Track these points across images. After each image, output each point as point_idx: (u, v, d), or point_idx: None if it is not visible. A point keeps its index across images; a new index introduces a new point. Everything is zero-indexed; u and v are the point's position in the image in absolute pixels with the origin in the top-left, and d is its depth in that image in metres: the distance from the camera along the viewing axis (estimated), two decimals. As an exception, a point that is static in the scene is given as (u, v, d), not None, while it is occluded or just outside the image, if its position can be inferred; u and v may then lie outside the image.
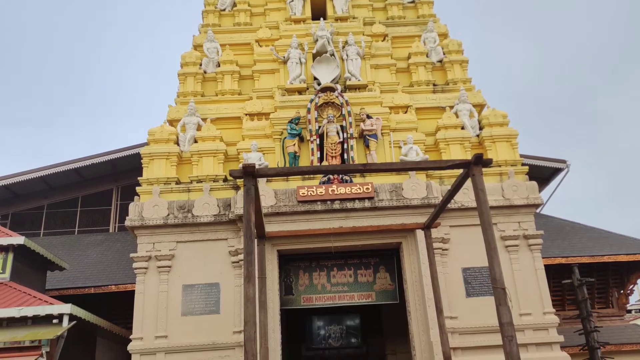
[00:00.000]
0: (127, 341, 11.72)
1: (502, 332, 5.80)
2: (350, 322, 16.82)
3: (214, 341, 11.41)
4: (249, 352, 5.72)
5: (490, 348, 11.18)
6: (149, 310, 11.67)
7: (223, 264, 12.09)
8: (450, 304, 11.63)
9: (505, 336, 5.78)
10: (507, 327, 5.80)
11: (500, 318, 5.86)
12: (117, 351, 14.34)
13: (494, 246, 6.25)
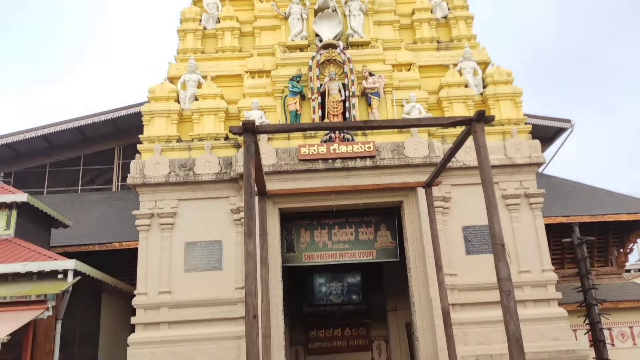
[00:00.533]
0: (132, 297, 11.93)
1: (499, 287, 5.87)
2: (351, 280, 17.06)
3: (217, 297, 11.59)
4: (250, 306, 5.80)
5: (489, 304, 11.36)
6: (153, 266, 11.82)
7: (225, 221, 12.17)
8: (450, 261, 11.75)
9: (502, 291, 5.84)
10: (505, 282, 5.86)
11: (499, 273, 5.91)
12: (122, 306, 14.63)
13: (494, 203, 6.25)
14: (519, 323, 5.78)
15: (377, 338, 17.44)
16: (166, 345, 11.23)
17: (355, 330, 17.42)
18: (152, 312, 11.53)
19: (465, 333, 11.29)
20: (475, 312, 11.45)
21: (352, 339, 17.37)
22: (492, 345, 11.16)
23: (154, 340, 11.25)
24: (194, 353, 11.20)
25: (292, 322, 16.79)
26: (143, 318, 11.51)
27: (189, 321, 11.47)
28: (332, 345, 17.28)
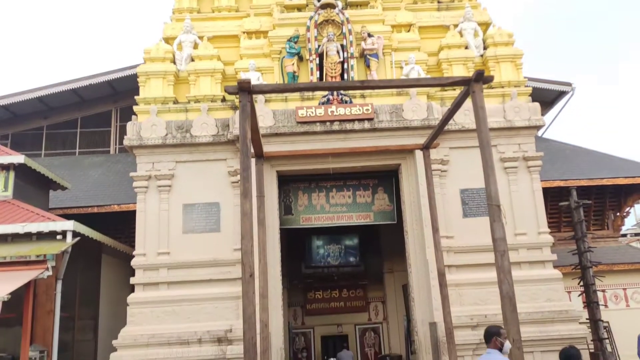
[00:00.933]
0: (131, 258, 12.03)
1: (494, 247, 5.91)
2: (349, 242, 17.21)
3: (215, 258, 11.70)
4: (246, 265, 5.86)
5: (484, 266, 11.48)
6: (151, 228, 11.89)
7: (222, 184, 12.17)
8: (447, 224, 11.81)
9: (497, 251, 5.89)
10: (499, 242, 5.90)
11: (494, 233, 5.95)
12: (121, 267, 14.78)
13: (491, 164, 6.24)
14: (513, 282, 5.84)
15: (374, 299, 17.71)
16: (165, 304, 11.40)
17: (353, 291, 17.68)
18: (151, 273, 11.66)
19: (460, 294, 11.44)
20: (471, 274, 11.58)
21: (350, 300, 17.65)
22: (487, 305, 11.32)
23: (154, 300, 11.41)
24: (193, 312, 11.37)
25: (290, 284, 17.03)
26: (142, 278, 11.64)
27: (187, 282, 11.61)
28: (330, 306, 17.58)
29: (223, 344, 11.02)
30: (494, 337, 5.21)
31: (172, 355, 10.90)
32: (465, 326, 11.03)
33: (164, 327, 11.22)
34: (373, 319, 17.54)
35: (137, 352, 10.91)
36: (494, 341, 5.21)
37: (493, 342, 5.20)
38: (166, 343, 11.02)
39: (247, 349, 5.61)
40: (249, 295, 5.77)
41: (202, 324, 11.26)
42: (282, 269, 12.48)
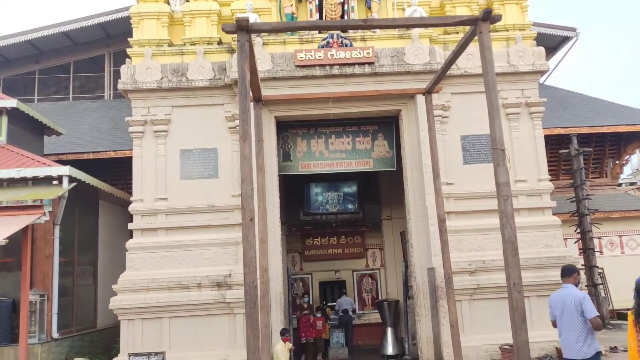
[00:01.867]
0: (129, 204, 12.00)
1: (498, 192, 5.81)
2: (348, 189, 17.16)
3: (213, 204, 11.67)
4: (246, 209, 5.76)
5: (483, 212, 11.51)
6: (148, 173, 11.82)
7: (220, 129, 12.03)
8: (448, 170, 11.76)
9: (500, 195, 5.79)
10: (503, 187, 5.79)
11: (497, 178, 5.83)
12: (119, 213, 14.77)
13: (496, 107, 6.05)
14: (515, 227, 5.78)
15: (372, 246, 17.85)
16: (164, 250, 11.45)
17: (351, 238, 17.79)
18: (149, 218, 11.67)
19: (459, 240, 11.50)
20: (470, 220, 11.62)
21: (348, 247, 17.78)
22: (485, 251, 11.42)
23: (152, 246, 11.45)
24: (192, 258, 11.44)
25: (288, 230, 17.10)
26: (140, 224, 11.65)
27: (186, 227, 11.63)
28: (328, 252, 17.71)
29: (223, 289, 11.13)
30: (575, 273, 5.93)
31: (172, 299, 11.02)
32: (463, 272, 11.14)
33: (164, 272, 11.30)
34: (371, 265, 17.71)
35: (137, 296, 11.02)
36: (574, 277, 5.92)
37: (573, 278, 5.91)
38: (166, 287, 11.12)
39: (248, 292, 5.58)
40: (249, 239, 5.70)
41: (201, 269, 11.35)
42: (281, 215, 12.50)
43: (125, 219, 12.81)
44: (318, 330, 14.08)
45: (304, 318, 14.13)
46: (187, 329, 11.06)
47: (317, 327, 14.09)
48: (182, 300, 11.04)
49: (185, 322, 11.11)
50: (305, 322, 14.03)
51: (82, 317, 13.09)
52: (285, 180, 15.10)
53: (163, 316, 11.08)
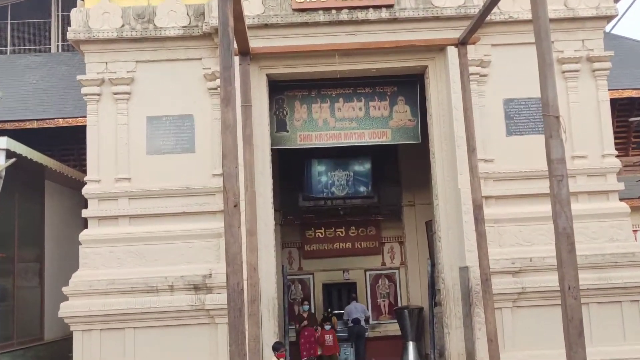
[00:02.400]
0: (82, 185, 12.02)
1: (550, 171, 5.77)
2: (359, 168, 17.17)
3: (189, 185, 11.69)
4: (230, 192, 5.75)
5: (532, 197, 11.50)
6: (106, 147, 11.82)
7: (197, 90, 12.01)
8: (486, 143, 11.71)
9: (553, 175, 5.75)
10: (556, 165, 5.75)
11: (550, 153, 5.79)
12: (71, 197, 14.80)
13: (549, 62, 6.00)
14: (571, 216, 5.75)
15: (390, 239, 17.90)
16: (127, 243, 11.49)
17: (363, 229, 17.85)
18: (109, 204, 11.70)
19: (499, 232, 11.50)
20: (514, 207, 11.59)
21: (359, 241, 17.85)
22: (533, 247, 11.41)
23: (113, 238, 11.50)
24: (163, 254, 11.49)
25: (284, 219, 17.15)
26: (97, 211, 11.69)
27: (154, 215, 11.67)
28: (334, 247, 17.79)
29: (201, 292, 11.18)
30: None
31: (137, 305, 11.08)
32: (505, 272, 11.15)
33: (127, 271, 11.36)
34: (388, 263, 17.79)
35: (93, 301, 11.08)
36: None
37: None
38: (129, 291, 11.17)
39: (232, 296, 5.60)
40: (234, 230, 5.70)
41: (174, 268, 11.40)
42: (275, 200, 12.54)
43: (79, 205, 12.83)
44: (328, 346, 14.10)
45: (307, 331, 14.20)
46: (157, 343, 11.12)
47: (327, 343, 14.12)
48: (150, 307, 11.09)
49: (154, 333, 11.14)
50: (308, 336, 14.09)
51: (25, 327, 13.18)
52: (280, 156, 15.09)
53: (126, 326, 11.13)
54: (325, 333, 14.12)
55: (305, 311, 14.99)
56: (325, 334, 14.12)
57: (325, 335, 14.10)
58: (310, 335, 14.04)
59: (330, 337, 14.12)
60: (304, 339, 14.06)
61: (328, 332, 14.17)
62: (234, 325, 5.50)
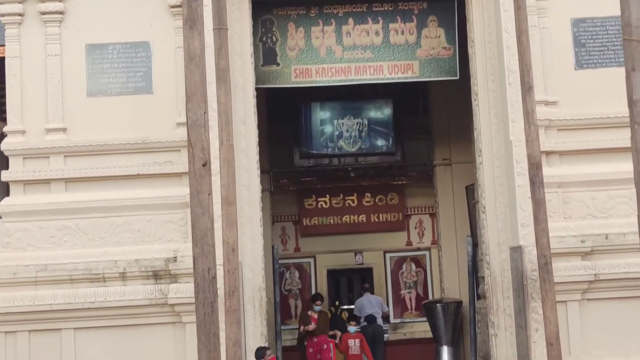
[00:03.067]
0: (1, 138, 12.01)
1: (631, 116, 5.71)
2: (376, 114, 17.13)
3: (145, 138, 11.70)
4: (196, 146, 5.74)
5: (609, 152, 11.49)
6: (33, 86, 11.81)
7: (155, 9, 11.97)
8: (548, 80, 11.70)
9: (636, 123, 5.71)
10: None
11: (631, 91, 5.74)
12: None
13: (634, -34, 5.91)
14: (661, 176, 5.72)
15: (418, 210, 17.95)
16: (63, 216, 11.53)
17: (382, 197, 17.88)
18: (37, 163, 11.71)
19: (565, 200, 11.51)
20: (585, 166, 11.59)
21: (376, 212, 17.89)
22: (611, 219, 11.44)
23: (43, 209, 11.51)
24: (111, 230, 11.55)
25: (275, 184, 17.15)
26: (22, 173, 11.69)
27: (99, 178, 11.70)
28: (342, 221, 17.84)
29: (163, 282, 11.26)
30: None
31: (78, 299, 11.12)
32: (572, 253, 11.18)
33: (63, 253, 11.40)
34: (415, 242, 17.86)
35: (18, 293, 11.13)
36: None
37: None
38: (67, 279, 11.24)
39: (201, 287, 5.63)
40: (202, 198, 5.71)
41: (126, 249, 11.46)
42: (262, 158, 12.62)
43: (-2, 164, 12.84)
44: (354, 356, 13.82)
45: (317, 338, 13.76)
46: (105, 348, 11.21)
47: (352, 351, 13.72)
48: (95, 301, 11.15)
49: (101, 336, 11.24)
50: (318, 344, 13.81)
51: None
52: (269, 99, 15.06)
53: (64, 327, 11.21)
54: (350, 337, 13.88)
55: (315, 312, 14.47)
56: (350, 338, 13.87)
57: (350, 341, 13.82)
58: (323, 343, 13.77)
59: (357, 344, 13.79)
60: (313, 348, 13.83)
61: (353, 337, 13.93)
62: (204, 324, 5.52)
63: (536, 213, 8.96)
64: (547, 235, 8.88)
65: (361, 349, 13.73)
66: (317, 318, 13.97)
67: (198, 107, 5.77)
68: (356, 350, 13.60)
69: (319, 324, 13.92)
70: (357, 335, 13.83)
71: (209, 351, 5.51)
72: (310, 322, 13.98)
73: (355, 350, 13.60)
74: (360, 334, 14.02)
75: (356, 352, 13.61)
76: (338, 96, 16.58)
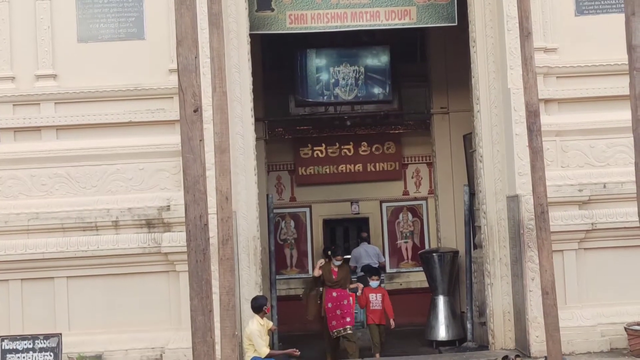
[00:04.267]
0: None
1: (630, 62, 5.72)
2: (373, 61, 17.04)
3: (137, 85, 11.68)
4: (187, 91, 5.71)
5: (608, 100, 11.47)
6: (22, 32, 11.76)
7: (149, -53, 11.90)
8: (547, 26, 11.65)
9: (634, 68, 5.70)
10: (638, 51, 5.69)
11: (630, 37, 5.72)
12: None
13: None
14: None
15: (415, 159, 17.94)
16: (54, 164, 11.56)
17: (378, 146, 17.86)
18: (27, 110, 11.72)
19: (562, 149, 11.53)
20: (584, 114, 11.60)
21: (373, 161, 17.88)
22: (609, 168, 11.48)
23: (34, 157, 11.56)
24: (103, 178, 11.58)
25: (270, 132, 17.10)
26: (12, 120, 11.71)
27: (91, 125, 11.71)
28: (338, 170, 17.84)
29: (156, 230, 11.30)
30: None
31: (70, 248, 11.18)
32: (569, 202, 11.23)
33: (55, 201, 11.44)
34: (412, 191, 17.88)
35: (9, 242, 11.16)
36: None
37: None
38: (59, 228, 11.28)
39: (193, 234, 5.64)
40: (193, 144, 5.70)
41: (119, 198, 11.50)
42: (257, 106, 12.58)
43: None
44: (375, 312, 13.08)
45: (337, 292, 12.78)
46: (98, 297, 11.30)
47: (373, 306, 13.07)
48: (88, 250, 11.20)
49: (94, 285, 11.32)
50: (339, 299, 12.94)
51: None
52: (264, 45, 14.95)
53: (57, 275, 11.28)
54: (371, 292, 13.21)
55: (336, 266, 13.22)
56: (371, 292, 13.19)
57: (371, 295, 13.15)
58: (343, 298, 13.14)
59: (379, 299, 13.12)
60: (332, 302, 13.16)
61: (375, 291, 13.26)
62: (196, 272, 5.55)
63: (533, 162, 8.94)
64: (544, 184, 8.87)
65: (384, 304, 13.12)
66: (337, 272, 13.15)
67: (189, 52, 5.73)
68: (377, 306, 13.06)
69: (339, 279, 13.24)
70: (379, 290, 13.32)
71: (201, 298, 5.54)
72: (332, 276, 13.15)
73: (376, 305, 13.07)
74: (382, 289, 13.54)
75: (377, 307, 13.07)
76: (334, 43, 16.48)
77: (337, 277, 13.06)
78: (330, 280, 13.05)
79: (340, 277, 13.10)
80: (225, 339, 8.19)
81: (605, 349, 11.05)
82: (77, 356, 10.62)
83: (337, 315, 12.83)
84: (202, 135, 5.79)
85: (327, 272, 13.14)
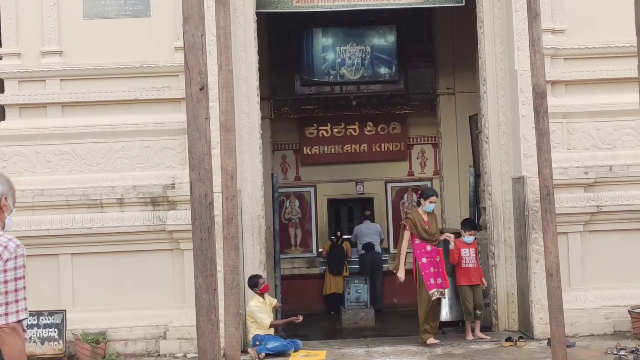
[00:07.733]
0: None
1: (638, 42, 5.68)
2: (379, 41, 17.02)
3: (143, 62, 11.64)
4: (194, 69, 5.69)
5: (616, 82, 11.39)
6: (28, 8, 11.70)
7: None
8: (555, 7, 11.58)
9: (644, 50, 5.66)
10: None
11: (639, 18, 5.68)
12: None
13: None
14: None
15: (420, 140, 17.94)
16: (60, 141, 11.55)
17: (384, 126, 17.86)
18: (33, 86, 11.71)
19: (569, 131, 11.49)
20: (591, 96, 11.55)
21: (378, 142, 17.88)
22: (615, 150, 11.44)
23: (39, 133, 11.55)
24: (108, 155, 11.57)
25: (276, 112, 17.12)
26: (18, 96, 11.70)
27: (96, 102, 11.69)
28: (343, 150, 17.85)
29: (161, 208, 11.31)
30: None
31: (75, 225, 11.20)
32: (575, 184, 11.22)
33: (60, 178, 11.45)
34: (417, 172, 17.88)
35: (15, 218, 10.82)
36: None
37: None
38: (64, 205, 11.31)
39: (198, 212, 5.64)
40: (199, 122, 5.68)
41: (124, 175, 11.51)
42: (262, 84, 12.54)
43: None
44: (467, 270, 11.64)
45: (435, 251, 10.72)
46: (102, 275, 11.33)
47: (466, 264, 11.64)
48: (93, 227, 11.23)
49: (99, 262, 11.35)
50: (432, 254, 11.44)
51: None
52: (270, 24, 14.92)
53: (61, 252, 11.31)
54: (463, 246, 11.59)
55: (426, 212, 11.61)
56: (463, 247, 11.58)
57: (464, 250, 11.55)
58: (436, 254, 11.38)
59: (472, 255, 11.58)
60: (426, 257, 11.36)
61: (469, 246, 11.65)
62: (200, 250, 5.55)
63: (539, 143, 8.91)
64: (550, 165, 8.84)
65: (476, 261, 11.67)
66: (428, 221, 11.44)
67: (195, 29, 5.71)
68: (471, 263, 11.61)
69: (430, 227, 11.55)
70: (473, 245, 11.75)
71: (205, 277, 5.55)
72: (425, 226, 11.40)
73: (470, 262, 11.60)
74: (475, 243, 11.81)
75: (471, 265, 11.62)
76: (340, 22, 16.44)
77: (430, 227, 11.53)
78: (425, 231, 11.42)
79: (430, 226, 11.54)
80: (229, 317, 8.25)
81: (609, 331, 11.06)
82: (81, 333, 10.64)
83: (433, 273, 11.35)
84: (208, 113, 5.78)
85: (419, 221, 11.47)
